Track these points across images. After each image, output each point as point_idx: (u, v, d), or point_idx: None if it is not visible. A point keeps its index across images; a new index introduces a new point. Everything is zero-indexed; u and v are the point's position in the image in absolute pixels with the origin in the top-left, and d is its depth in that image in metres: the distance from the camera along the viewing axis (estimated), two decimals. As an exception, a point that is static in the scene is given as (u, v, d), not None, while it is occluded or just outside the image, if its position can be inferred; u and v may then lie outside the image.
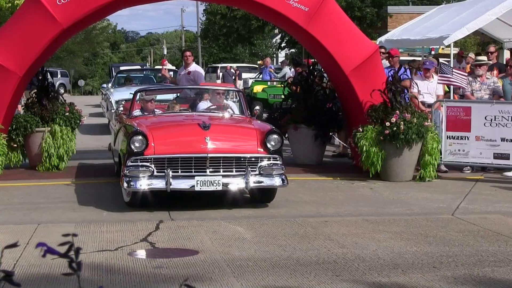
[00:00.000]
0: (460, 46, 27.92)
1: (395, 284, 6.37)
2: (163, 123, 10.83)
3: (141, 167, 9.57)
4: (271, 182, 9.80)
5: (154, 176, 9.56)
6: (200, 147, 9.62)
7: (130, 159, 9.60)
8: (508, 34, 19.44)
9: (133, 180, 9.53)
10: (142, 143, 9.59)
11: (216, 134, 9.81)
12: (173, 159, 9.61)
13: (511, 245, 7.87)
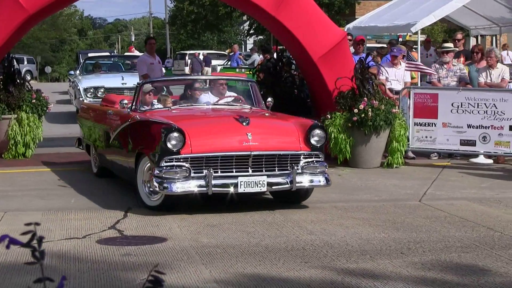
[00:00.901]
0: (427, 33, 28.07)
1: (363, 270, 6.40)
2: (195, 118, 9.68)
3: (176, 167, 8.57)
4: (316, 181, 9.01)
5: (191, 177, 8.59)
6: (242, 144, 8.71)
7: (164, 159, 8.56)
8: (474, 22, 19.58)
9: (168, 182, 8.52)
10: (179, 141, 8.55)
11: (257, 129, 8.91)
12: (212, 158, 8.67)
13: (477, 230, 7.95)
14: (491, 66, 13.53)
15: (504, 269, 6.43)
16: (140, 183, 9.11)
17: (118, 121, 10.22)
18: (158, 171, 8.56)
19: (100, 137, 11.04)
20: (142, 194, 9.13)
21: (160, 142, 8.57)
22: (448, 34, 30.92)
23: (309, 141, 8.96)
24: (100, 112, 11.43)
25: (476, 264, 6.60)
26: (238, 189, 8.65)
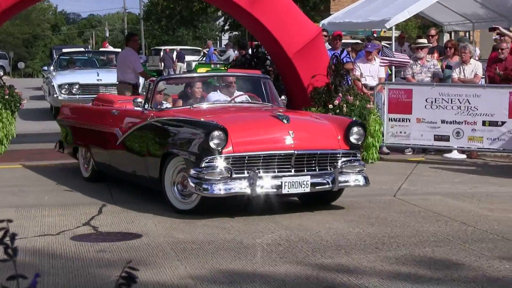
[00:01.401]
0: (401, 29, 28.18)
1: (338, 265, 6.42)
2: (233, 116, 9.22)
3: (218, 168, 8.12)
4: (355, 181, 8.73)
5: (232, 178, 8.16)
6: (284, 143, 8.36)
7: (205, 159, 8.10)
8: (448, 18, 19.70)
9: (208, 184, 8.08)
10: (222, 140, 8.08)
11: (297, 127, 8.56)
12: (254, 157, 8.27)
13: (451, 225, 8.00)
14: (464, 62, 13.61)
15: (477, 263, 6.48)
16: (168, 186, 8.66)
17: (131, 121, 9.60)
18: (196, 172, 8.12)
19: (99, 140, 10.39)
20: (171, 197, 8.65)
21: (201, 141, 8.13)
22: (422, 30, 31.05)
23: (348, 139, 8.67)
24: (97, 112, 10.77)
25: (449, 258, 6.64)
26: (282, 190, 8.31)
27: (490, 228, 7.85)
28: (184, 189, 8.56)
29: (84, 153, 11.06)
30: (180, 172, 8.60)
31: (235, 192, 8.17)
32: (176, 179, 8.65)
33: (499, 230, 7.74)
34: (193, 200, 8.50)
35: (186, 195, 8.58)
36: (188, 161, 8.33)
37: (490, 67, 13.45)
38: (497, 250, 6.91)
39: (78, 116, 11.38)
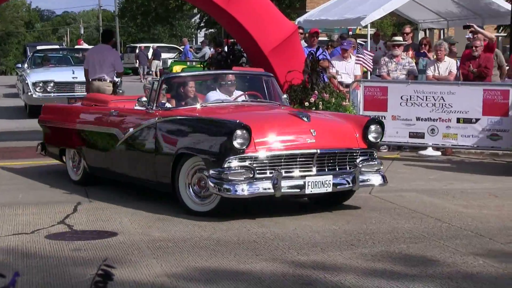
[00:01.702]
0: (377, 26, 28.28)
1: (314, 262, 6.44)
2: (252, 114, 8.89)
3: (240, 168, 7.91)
4: (375, 180, 8.63)
5: (255, 178, 7.94)
6: (306, 142, 8.18)
7: (228, 159, 7.85)
8: (423, 15, 19.81)
9: (230, 185, 7.84)
10: (246, 139, 7.84)
11: (318, 126, 8.38)
12: (277, 157, 8.06)
13: (426, 222, 8.05)
14: (439, 60, 13.69)
15: (452, 259, 6.52)
16: (182, 187, 8.39)
17: (134, 121, 9.24)
18: (218, 173, 7.87)
19: (94, 141, 10.08)
20: (186, 199, 8.39)
21: (224, 140, 7.87)
22: (397, 28, 31.19)
23: (366, 137, 8.54)
24: (91, 112, 10.35)
25: (424, 255, 6.68)
26: (306, 190, 8.13)
27: (464, 224, 7.90)
28: (201, 191, 8.30)
29: (73, 155, 10.61)
30: (196, 173, 8.32)
31: (259, 193, 7.95)
32: (192, 180, 8.36)
33: (473, 227, 7.79)
34: (211, 201, 8.25)
35: (203, 197, 8.31)
36: (208, 161, 8.05)
37: (464, 65, 13.54)
38: (471, 247, 6.96)
39: (65, 117, 10.84)
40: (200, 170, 8.28)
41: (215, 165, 7.93)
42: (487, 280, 5.90)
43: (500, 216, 8.35)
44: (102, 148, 9.91)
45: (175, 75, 10.12)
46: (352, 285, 5.80)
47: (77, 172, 10.53)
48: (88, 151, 10.19)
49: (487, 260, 6.46)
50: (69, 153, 10.71)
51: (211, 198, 8.24)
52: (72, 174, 10.65)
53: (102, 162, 9.92)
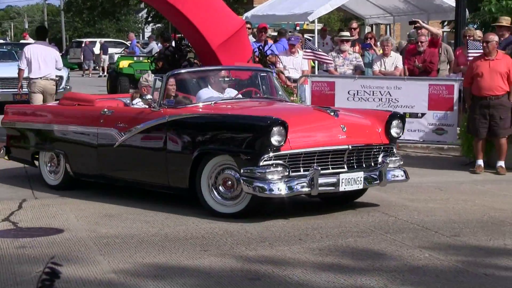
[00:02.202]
0: (324, 22, 28.42)
1: (262, 257, 6.45)
2: (281, 110, 8.65)
3: (276, 166, 7.61)
4: (400, 176, 8.51)
5: (290, 176, 7.66)
6: (338, 138, 7.96)
7: (264, 157, 7.54)
8: (369, 11, 19.98)
9: (266, 184, 7.53)
10: (283, 136, 7.54)
11: (346, 122, 8.17)
12: (310, 154, 7.80)
13: (373, 216, 8.11)
14: (385, 55, 13.81)
15: (398, 252, 6.59)
16: (205, 188, 8.03)
17: (137, 121, 8.65)
18: (252, 172, 7.55)
19: (80, 143, 9.35)
20: (210, 200, 8.02)
21: (260, 137, 7.56)
22: (344, 23, 31.38)
23: (388, 132, 8.40)
24: (75, 113, 9.62)
25: (371, 248, 6.74)
26: (339, 188, 7.92)
27: (411, 218, 7.99)
28: (227, 191, 7.97)
29: (50, 159, 9.87)
30: (221, 173, 7.98)
31: (297, 191, 7.71)
32: (217, 180, 8.01)
33: (419, 220, 7.88)
34: (239, 202, 7.91)
35: (230, 198, 7.97)
36: (240, 160, 7.71)
37: (409, 60, 13.68)
38: (417, 240, 7.04)
39: (40, 118, 10.08)
40: (225, 169, 7.95)
41: (249, 163, 7.60)
42: (432, 273, 5.97)
43: (445, 210, 8.46)
44: (92, 151, 9.21)
45: (181, 71, 9.46)
46: (300, 279, 5.82)
47: (57, 177, 9.76)
48: (73, 154, 9.46)
49: (433, 253, 6.55)
50: (45, 156, 9.93)
51: (239, 198, 7.89)
52: (48, 179, 9.87)
53: (92, 165, 9.23)
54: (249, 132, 7.73)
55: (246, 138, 7.73)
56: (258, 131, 7.61)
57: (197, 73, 9.73)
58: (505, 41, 12.20)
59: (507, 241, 6.93)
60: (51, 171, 9.87)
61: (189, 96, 9.08)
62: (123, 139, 8.76)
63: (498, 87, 10.99)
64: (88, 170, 9.35)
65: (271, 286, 5.68)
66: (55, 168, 9.81)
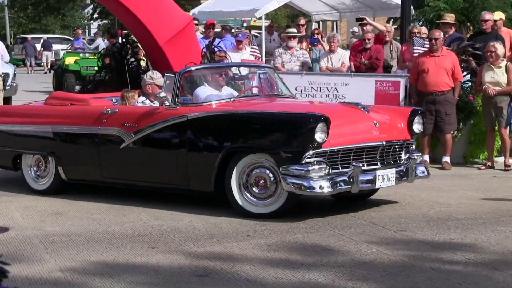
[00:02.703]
0: (271, 18, 28.50)
1: (211, 254, 6.44)
2: (314, 106, 8.55)
3: (317, 163, 7.44)
4: (422, 172, 8.42)
5: (331, 174, 7.52)
6: (372, 134, 7.88)
7: (306, 154, 7.38)
8: (316, 7, 20.07)
9: (308, 182, 7.36)
10: (325, 132, 7.39)
11: (377, 117, 8.13)
12: (347, 150, 7.69)
13: (320, 211, 8.14)
14: (332, 51, 13.89)
15: (346, 247, 6.64)
16: (235, 188, 7.78)
17: (150, 120, 8.28)
18: (293, 170, 7.36)
19: (77, 144, 8.96)
20: (241, 201, 7.79)
21: (304, 134, 7.40)
22: (291, 20, 31.49)
23: (410, 128, 8.31)
24: (69, 113, 9.08)
25: (319, 244, 6.78)
26: (376, 185, 7.83)
27: (358, 213, 8.04)
28: (261, 191, 7.74)
29: (36, 162, 9.30)
30: (252, 172, 7.76)
31: (340, 189, 7.55)
32: (248, 180, 7.78)
33: (366, 215, 7.95)
34: (274, 201, 7.70)
35: (263, 198, 7.75)
36: (279, 158, 7.50)
37: (355, 56, 13.78)
38: (364, 235, 7.10)
39: (26, 119, 9.46)
40: (257, 167, 7.74)
41: (290, 161, 7.42)
42: (379, 268, 6.03)
43: (392, 205, 8.55)
44: (92, 152, 8.74)
45: (195, 68, 8.96)
46: (249, 275, 5.83)
47: (44, 181, 9.20)
48: (67, 157, 8.94)
49: (380, 248, 6.61)
50: (28, 160, 9.33)
51: (273, 198, 7.70)
52: (34, 183, 9.27)
53: (92, 168, 8.78)
54: (290, 129, 7.58)
55: (287, 135, 7.58)
56: (302, 127, 7.46)
57: (210, 70, 9.40)
58: (449, 38, 12.37)
59: (452, 236, 7.04)
60: (38, 176, 9.28)
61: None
62: (132, 140, 8.38)
63: (444, 83, 11.15)
64: (86, 173, 8.91)
65: (219, 282, 5.68)
66: (42, 172, 9.25)
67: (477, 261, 6.18)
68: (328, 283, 5.66)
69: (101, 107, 8.94)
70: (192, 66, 8.92)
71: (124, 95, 9.25)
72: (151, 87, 9.10)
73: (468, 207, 8.35)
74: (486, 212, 8.03)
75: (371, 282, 5.67)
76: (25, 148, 9.38)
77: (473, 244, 6.72)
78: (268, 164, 7.68)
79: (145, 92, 9.17)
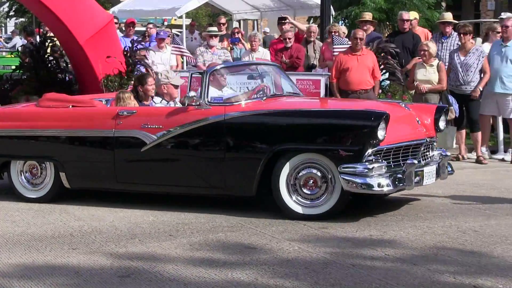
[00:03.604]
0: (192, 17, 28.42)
1: (133, 254, 6.39)
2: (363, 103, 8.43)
3: (379, 161, 7.35)
4: (450, 169, 8.31)
5: (387, 172, 7.41)
6: (417, 131, 7.86)
7: (367, 153, 7.29)
8: (237, 6, 20.10)
9: (368, 180, 7.25)
10: (385, 130, 7.33)
11: (417, 115, 8.10)
12: (398, 148, 7.61)
13: (243, 210, 8.13)
14: (253, 50, 13.92)
15: (268, 246, 6.67)
16: (284, 190, 7.56)
17: (176, 121, 7.96)
18: (353, 168, 7.22)
19: (86, 148, 8.48)
20: (291, 203, 7.59)
21: (367, 131, 7.28)
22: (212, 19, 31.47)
23: (437, 125, 8.22)
24: (73, 115, 8.61)
25: (242, 243, 6.79)
26: (423, 182, 7.72)
27: (280, 212, 8.05)
28: (313, 191, 7.55)
29: (29, 168, 8.72)
30: (301, 172, 7.55)
31: (400, 187, 7.48)
32: (297, 181, 7.57)
33: (288, 213, 7.97)
34: (324, 202, 7.53)
35: (312, 199, 7.56)
36: (337, 156, 7.33)
37: (276, 56, 13.84)
38: (286, 233, 7.14)
39: (19, 123, 8.80)
40: (307, 167, 7.55)
41: (350, 160, 7.27)
42: (301, 265, 6.08)
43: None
44: (105, 156, 8.29)
45: (221, 67, 8.69)
46: (171, 275, 5.81)
47: (38, 188, 8.66)
48: (71, 162, 8.42)
49: (302, 246, 6.66)
50: (18, 166, 8.72)
51: (324, 199, 7.54)
52: (26, 191, 8.69)
53: (103, 173, 8.34)
54: (351, 127, 7.44)
55: (346, 133, 7.43)
56: (364, 125, 7.34)
57: (235, 68, 9.18)
58: (368, 37, 12.54)
59: (372, 232, 7.14)
60: (32, 183, 8.69)
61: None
62: (156, 142, 8.01)
63: (367, 81, 11.33)
64: (94, 179, 8.43)
65: (141, 282, 5.65)
66: (35, 179, 8.69)
67: (396, 257, 6.29)
68: (251, 282, 5.68)
69: (112, 108, 8.55)
70: (217, 65, 8.64)
71: (120, 96, 8.81)
72: (166, 87, 8.84)
73: (388, 203, 8.47)
74: (405, 209, 8.17)
75: (293, 279, 5.71)
76: (16, 154, 8.77)
77: (393, 240, 6.83)
78: (320, 164, 7.50)
79: (159, 92, 8.84)
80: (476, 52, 11.44)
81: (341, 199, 7.48)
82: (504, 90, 11.34)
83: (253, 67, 9.25)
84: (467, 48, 11.47)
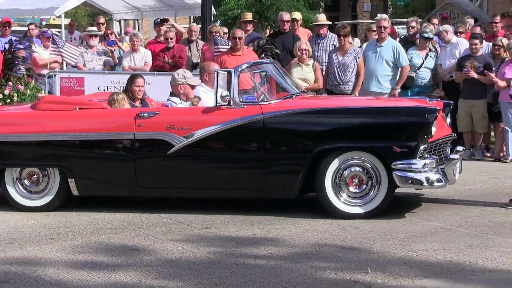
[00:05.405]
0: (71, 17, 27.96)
1: (12, 259, 6.26)
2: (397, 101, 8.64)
3: (431, 157, 7.41)
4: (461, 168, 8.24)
5: (438, 167, 7.46)
6: (446, 126, 7.97)
7: (421, 149, 7.30)
8: (117, 6, 19.90)
9: (421, 176, 7.27)
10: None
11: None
12: (435, 143, 7.61)
13: (125, 211, 8.05)
14: (134, 50, 13.83)
15: (152, 247, 6.65)
16: (330, 190, 7.45)
17: (208, 121, 7.67)
18: (408, 164, 7.20)
19: (103, 153, 7.96)
20: (337, 202, 7.49)
21: (421, 127, 7.33)
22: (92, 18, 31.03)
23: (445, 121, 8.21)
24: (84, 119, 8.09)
25: (125, 244, 6.75)
26: (456, 177, 7.72)
27: (163, 213, 8.03)
28: (359, 190, 7.48)
29: (28, 176, 8.14)
30: (345, 171, 7.46)
31: (452, 181, 7.53)
32: (341, 180, 7.49)
33: (172, 214, 7.93)
34: (369, 201, 7.47)
35: (358, 197, 7.50)
36: (390, 154, 7.27)
37: (158, 56, 13.80)
38: (170, 234, 7.14)
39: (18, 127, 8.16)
40: (352, 165, 7.46)
41: (404, 156, 7.24)
42: (185, 265, 6.09)
43: (197, 204, 8.60)
44: (123, 160, 7.89)
45: (246, 66, 8.26)
46: (52, 279, 5.72)
47: (39, 196, 8.11)
48: (83, 168, 7.95)
49: (186, 246, 6.67)
50: (14, 174, 8.14)
51: (370, 196, 7.47)
52: (24, 200, 8.13)
53: (122, 177, 7.92)
54: (405, 124, 7.46)
55: (401, 130, 7.44)
56: (419, 121, 7.39)
57: (265, 66, 8.84)
58: (248, 37, 12.66)
59: (255, 231, 7.22)
60: (30, 191, 8.15)
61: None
62: (184, 144, 7.68)
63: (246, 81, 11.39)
64: (110, 184, 8.01)
65: (21, 287, 5.54)
66: (35, 187, 8.14)
67: (279, 255, 6.39)
68: (135, 283, 5.65)
69: (130, 110, 8.19)
70: (244, 64, 8.36)
71: (114, 98, 8.44)
72: (183, 87, 8.47)
73: (270, 203, 8.56)
74: (287, 207, 8.27)
75: (178, 280, 5.72)
76: (11, 162, 8.17)
77: (276, 239, 6.93)
78: (366, 162, 7.46)
79: (175, 92, 8.49)
80: (354, 53, 11.71)
81: (387, 197, 7.48)
82: (380, 90, 11.65)
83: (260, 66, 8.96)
84: (345, 48, 11.73)
